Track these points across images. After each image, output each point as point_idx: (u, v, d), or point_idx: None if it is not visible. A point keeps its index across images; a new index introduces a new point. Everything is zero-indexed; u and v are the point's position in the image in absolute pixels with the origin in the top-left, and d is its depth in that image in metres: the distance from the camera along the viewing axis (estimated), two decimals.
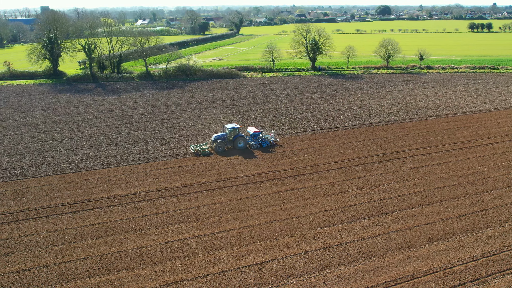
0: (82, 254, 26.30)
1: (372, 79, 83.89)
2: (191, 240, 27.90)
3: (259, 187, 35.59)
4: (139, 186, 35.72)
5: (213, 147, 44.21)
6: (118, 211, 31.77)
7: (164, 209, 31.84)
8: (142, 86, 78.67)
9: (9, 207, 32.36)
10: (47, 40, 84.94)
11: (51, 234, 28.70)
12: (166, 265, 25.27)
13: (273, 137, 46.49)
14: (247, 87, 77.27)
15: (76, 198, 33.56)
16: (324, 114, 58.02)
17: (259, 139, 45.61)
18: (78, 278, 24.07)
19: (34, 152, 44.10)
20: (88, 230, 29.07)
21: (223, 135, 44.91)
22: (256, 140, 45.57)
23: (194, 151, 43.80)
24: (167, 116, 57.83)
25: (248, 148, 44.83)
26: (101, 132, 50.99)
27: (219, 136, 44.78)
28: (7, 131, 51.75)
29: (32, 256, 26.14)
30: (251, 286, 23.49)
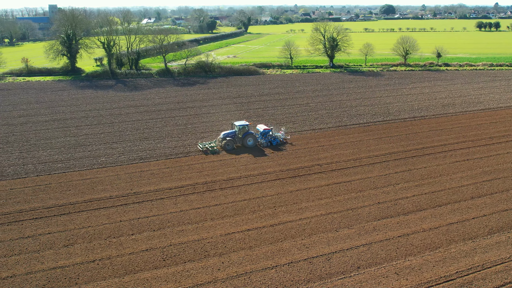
0: (144, 246, 25.94)
1: (392, 76, 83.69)
2: (251, 232, 27.57)
3: (306, 180, 35.34)
4: (184, 180, 35.44)
5: (221, 145, 42.94)
6: (170, 204, 31.45)
7: (216, 202, 31.45)
8: (163, 83, 78.38)
9: (57, 200, 32.03)
10: (65, 37, 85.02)
11: (107, 226, 28.40)
12: (232, 256, 24.96)
13: (283, 135, 45.32)
14: (269, 84, 76.99)
15: (123, 191, 33.22)
16: (353, 110, 57.90)
17: (269, 136, 44.24)
18: (144, 269, 23.70)
19: (70, 146, 43.78)
20: (143, 222, 28.65)
21: (232, 132, 43.71)
22: (266, 138, 44.13)
23: (203, 149, 42.36)
24: (195, 112, 57.44)
25: (257, 146, 43.56)
26: (133, 127, 50.65)
27: (228, 134, 43.59)
28: (37, 126, 51.43)
29: (92, 248, 25.82)
30: (322, 276, 23.23)
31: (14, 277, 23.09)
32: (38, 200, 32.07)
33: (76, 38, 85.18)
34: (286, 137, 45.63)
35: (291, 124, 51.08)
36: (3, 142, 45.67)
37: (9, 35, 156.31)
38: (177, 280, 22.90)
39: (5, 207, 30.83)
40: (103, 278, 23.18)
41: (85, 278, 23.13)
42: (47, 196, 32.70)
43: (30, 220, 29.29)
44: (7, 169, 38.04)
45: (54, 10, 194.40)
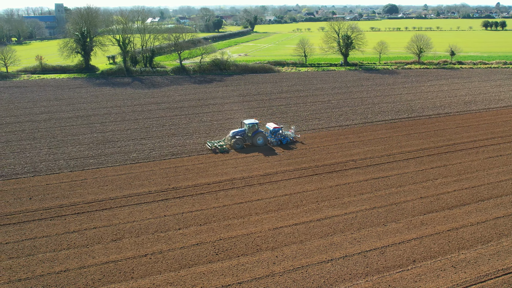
0: (193, 241, 25.67)
1: (408, 74, 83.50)
2: (298, 226, 27.31)
3: (343, 175, 35.04)
4: (221, 175, 35.19)
5: (231, 143, 41.85)
6: (211, 199, 31.16)
7: (257, 197, 31.10)
8: (179, 80, 77.99)
9: (97, 195, 31.67)
10: (80, 35, 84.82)
11: (152, 221, 28.04)
12: (284, 250, 24.69)
13: (293, 134, 44.27)
14: (286, 81, 76.76)
15: (161, 187, 32.96)
16: (376, 107, 57.63)
17: (279, 135, 43.37)
18: (199, 263, 23.43)
19: (98, 142, 43.40)
20: (188, 217, 28.33)
21: (241, 131, 42.76)
22: (276, 136, 43.25)
23: (212, 148, 41.38)
24: (218, 109, 57.17)
25: (267, 144, 42.46)
26: (158, 123, 50.35)
27: (238, 132, 42.52)
28: (61, 123, 51.06)
29: (141, 242, 25.49)
30: (379, 270, 22.94)
31: (68, 272, 22.83)
32: (77, 195, 31.90)
33: (91, 35, 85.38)
34: (296, 136, 44.36)
35: (316, 121, 50.90)
36: (29, 138, 45.47)
37: (17, 33, 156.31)
38: (234, 274, 22.69)
39: (45, 202, 30.49)
40: (158, 272, 22.96)
41: (140, 272, 22.87)
42: (85, 191, 32.47)
43: (72, 215, 29.09)
44: (39, 165, 37.81)
45: (61, 9, 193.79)
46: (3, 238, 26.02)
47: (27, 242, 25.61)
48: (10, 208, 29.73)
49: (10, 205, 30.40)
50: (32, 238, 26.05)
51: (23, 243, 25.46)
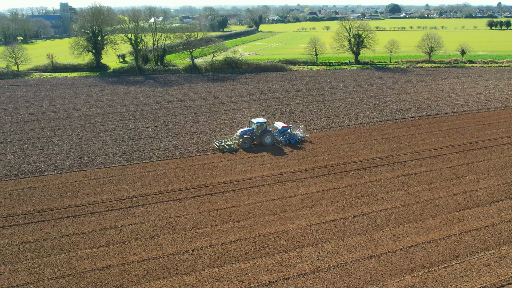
0: (233, 237, 25.46)
1: (420, 72, 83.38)
2: (336, 223, 27.07)
3: (372, 172, 34.86)
4: (250, 172, 34.92)
5: (239, 142, 41.13)
6: (243, 196, 30.95)
7: (289, 194, 30.89)
8: (192, 79, 77.73)
9: (127, 192, 31.42)
10: (91, 33, 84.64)
11: (187, 217, 27.88)
12: (325, 246, 24.49)
13: (301, 133, 43.53)
14: (299, 80, 76.59)
15: (191, 184, 32.74)
16: (394, 105, 57.43)
17: (287, 134, 42.57)
18: (241, 259, 23.15)
19: (120, 140, 43.10)
20: (223, 213, 28.09)
21: (249, 130, 41.89)
22: (284, 135, 42.47)
23: (219, 147, 40.59)
24: (236, 106, 56.87)
25: (276, 144, 41.60)
26: (178, 121, 50.09)
27: (246, 131, 41.64)
28: (80, 120, 50.82)
29: (180, 239, 25.28)
30: (424, 265, 22.73)
31: (111, 268, 22.62)
32: (107, 192, 31.68)
33: (102, 34, 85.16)
34: (304, 135, 43.56)
35: (336, 118, 50.59)
36: (50, 135, 45.25)
37: (23, 33, 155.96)
38: (279, 270, 22.49)
39: (76, 199, 30.23)
40: (202, 268, 22.77)
41: (184, 269, 22.68)
42: (115, 188, 32.24)
43: (106, 211, 28.87)
44: (65, 162, 37.58)
45: (65, 8, 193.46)
46: (40, 234, 25.87)
47: (64, 239, 25.47)
48: (42, 205, 29.49)
49: (42, 202, 30.29)
50: (69, 235, 25.90)
51: (60, 240, 25.33)
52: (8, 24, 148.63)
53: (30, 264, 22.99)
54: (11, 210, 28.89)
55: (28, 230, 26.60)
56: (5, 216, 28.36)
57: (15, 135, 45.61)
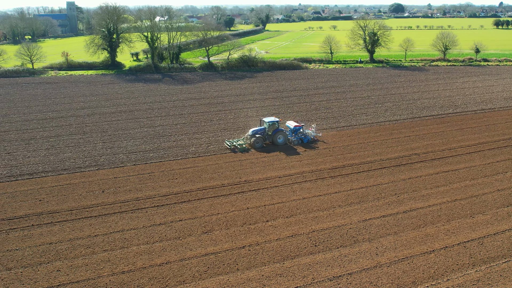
0: (286, 232, 25.17)
1: (437, 70, 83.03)
2: (387, 218, 26.78)
3: (411, 169, 34.57)
4: (288, 168, 34.66)
5: (250, 142, 40.05)
6: (287, 191, 30.62)
7: (333, 190, 30.56)
8: (210, 77, 77.51)
9: (170, 188, 31.12)
10: (106, 31, 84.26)
11: (236, 213, 27.52)
12: (382, 242, 24.21)
13: (314, 132, 42.55)
14: (318, 78, 76.23)
15: (232, 180, 32.40)
16: (418, 102, 57.27)
17: (299, 134, 41.61)
18: (300, 255, 22.87)
19: (151, 137, 42.81)
20: (271, 209, 27.76)
21: (261, 129, 40.88)
22: (296, 135, 41.55)
23: (230, 147, 39.64)
24: (260, 104, 56.60)
25: (288, 144, 40.58)
26: (205, 118, 49.80)
27: (258, 131, 40.63)
28: (106, 118, 50.46)
29: (233, 234, 24.94)
30: (485, 260, 22.44)
31: (170, 264, 22.31)
32: (149, 188, 31.39)
33: (118, 32, 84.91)
34: (317, 135, 42.58)
35: (364, 116, 50.41)
36: (79, 132, 44.86)
37: (31, 31, 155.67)
38: (341, 265, 22.25)
39: (119, 195, 29.93)
40: (262, 263, 22.53)
41: (244, 264, 22.40)
42: (156, 184, 31.91)
43: (152, 207, 28.56)
44: (100, 159, 37.25)
45: (72, 7, 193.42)
46: (90, 231, 25.53)
47: (116, 235, 25.17)
48: (86, 201, 29.23)
49: (85, 198, 30.02)
50: (120, 230, 25.61)
51: (112, 236, 25.03)
52: (16, 23, 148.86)
53: (87, 260, 22.77)
54: (56, 206, 28.58)
55: (77, 226, 26.45)
56: (51, 212, 28.20)
57: (43, 132, 45.51)
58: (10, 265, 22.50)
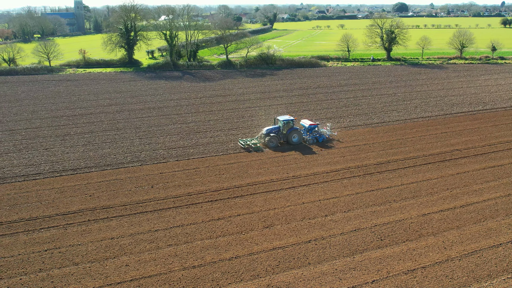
0: (349, 227, 24.81)
1: (456, 68, 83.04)
2: (446, 213, 26.50)
3: (456, 164, 34.29)
4: (333, 164, 34.30)
5: (264, 141, 39.08)
6: (338, 186, 30.31)
7: (384, 185, 30.29)
8: (230, 74, 77.29)
9: (219, 183, 30.75)
10: (124, 29, 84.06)
11: (292, 208, 27.06)
12: (446, 236, 23.90)
13: (329, 131, 41.46)
14: (339, 75, 75.98)
15: (280, 175, 32.14)
16: (446, 100, 57.09)
17: (314, 133, 40.54)
18: (368, 249, 22.44)
19: (186, 133, 42.55)
20: (327, 204, 27.37)
21: (276, 128, 39.73)
22: (311, 134, 40.48)
23: (244, 146, 38.59)
24: (288, 101, 56.19)
25: (302, 143, 39.56)
26: (236, 115, 49.43)
27: (272, 130, 39.57)
28: (136, 114, 50.19)
29: (296, 229, 24.59)
30: None
31: (239, 258, 21.91)
32: (198, 184, 30.97)
33: (136, 29, 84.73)
34: (332, 134, 41.69)
35: (395, 112, 50.04)
36: (113, 129, 44.61)
37: (41, 30, 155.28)
38: (412, 259, 21.92)
39: (169, 190, 29.64)
40: (332, 257, 22.25)
41: (314, 258, 22.05)
42: (204, 179, 31.57)
43: (206, 202, 28.15)
44: (140, 154, 36.89)
45: (80, 6, 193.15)
46: (149, 226, 25.16)
47: (176, 229, 24.80)
48: (138, 196, 28.90)
49: (135, 193, 29.67)
50: (180, 225, 25.29)
51: (173, 230, 24.66)
52: (26, 21, 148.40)
53: (153, 255, 22.46)
54: (108, 201, 28.26)
55: (134, 221, 26.13)
56: (105, 207, 27.91)
57: (76, 128, 45.17)
58: (76, 260, 22.36)
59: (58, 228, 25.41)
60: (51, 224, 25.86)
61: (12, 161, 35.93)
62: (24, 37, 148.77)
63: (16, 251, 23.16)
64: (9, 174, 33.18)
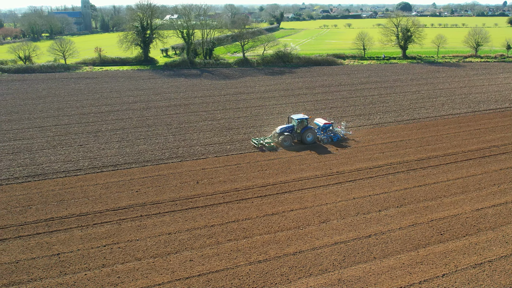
0: (405, 222, 24.51)
1: (473, 66, 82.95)
2: (499, 208, 26.23)
3: (497, 160, 34.05)
4: (374, 160, 34.08)
5: (278, 140, 38.41)
6: (385, 182, 30.00)
7: (431, 180, 29.92)
8: (249, 72, 77.07)
9: (264, 179, 30.44)
10: (140, 27, 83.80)
11: (344, 203, 26.83)
12: (505, 230, 23.67)
13: (343, 130, 40.91)
14: (358, 73, 75.80)
15: (324, 171, 31.94)
16: (471, 97, 56.90)
17: (329, 132, 39.97)
18: (431, 243, 22.10)
19: (219, 130, 42.36)
20: (378, 199, 27.12)
21: (290, 127, 39.02)
22: (326, 133, 39.87)
23: (258, 145, 37.81)
24: (313, 98, 56.09)
25: (316, 142, 38.84)
26: (264, 112, 49.19)
27: (286, 128, 38.89)
28: (163, 111, 49.90)
29: (351, 223, 24.31)
30: None
31: (303, 253, 21.57)
32: (243, 179, 30.45)
33: (152, 28, 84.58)
34: (347, 133, 41.00)
35: (423, 110, 49.95)
36: (144, 125, 44.36)
37: (49, 29, 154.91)
38: (477, 253, 21.72)
39: (216, 186, 29.39)
40: (396, 252, 22.02)
41: (378, 252, 21.77)
42: (248, 175, 31.23)
43: (255, 198, 27.85)
44: (178, 151, 36.61)
45: (87, 5, 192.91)
46: (205, 221, 24.81)
47: (232, 224, 24.48)
48: (185, 192, 28.61)
49: (182, 189, 29.35)
50: (235, 221, 25.02)
51: (230, 226, 24.31)
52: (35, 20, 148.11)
53: (215, 250, 22.26)
54: (156, 197, 28.05)
55: (188, 216, 25.85)
56: (154, 203, 27.65)
57: (106, 125, 44.95)
58: (138, 255, 22.16)
59: (111, 224, 25.27)
60: (104, 219, 25.74)
61: (49, 157, 35.86)
62: (33, 36, 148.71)
63: (74, 246, 23.12)
64: (49, 170, 33.12)
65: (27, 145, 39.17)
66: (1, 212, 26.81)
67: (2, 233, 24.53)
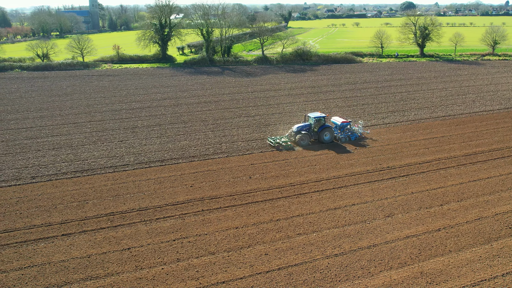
0: (471, 216, 24.37)
1: (493, 64, 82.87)
2: None
3: None
4: (422, 155, 33.83)
5: (295, 139, 37.74)
6: (439, 177, 29.80)
7: (484, 175, 29.77)
8: (269, 69, 76.93)
9: (318, 174, 30.25)
10: (159, 25, 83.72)
11: (404, 198, 26.66)
12: None
13: (361, 129, 40.03)
14: (379, 71, 75.64)
15: (374, 166, 31.82)
16: (499, 94, 56.78)
17: (347, 130, 39.20)
18: (501, 237, 22.09)
19: (256, 126, 42.09)
20: (436, 193, 27.06)
21: (307, 125, 38.34)
22: (344, 132, 39.10)
23: (274, 144, 36.87)
24: (343, 95, 55.83)
25: (333, 141, 38.02)
26: (297, 108, 48.93)
27: (303, 127, 38.20)
28: (194, 108, 49.84)
29: (418, 218, 24.11)
30: None
31: (377, 246, 21.47)
32: (295, 174, 30.30)
33: (170, 25, 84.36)
34: (365, 132, 40.14)
35: (456, 106, 49.82)
36: (179, 122, 44.21)
37: (59, 27, 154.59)
38: None
39: (270, 181, 29.08)
40: (469, 245, 21.60)
41: (452, 245, 21.43)
42: (299, 170, 31.07)
43: (312, 193, 27.60)
44: (221, 146, 36.47)
45: (95, 3, 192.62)
46: (268, 216, 24.57)
47: (298, 219, 24.36)
48: (240, 186, 28.42)
49: (237, 184, 29.13)
50: (299, 215, 24.88)
51: (295, 220, 24.08)
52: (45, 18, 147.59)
53: (288, 244, 22.01)
54: (212, 192, 27.87)
55: (250, 210, 25.67)
56: (212, 197, 27.49)
57: (141, 121, 44.73)
58: (211, 249, 21.98)
59: (175, 218, 25.07)
60: (166, 214, 25.57)
61: (92, 153, 35.65)
62: (43, 35, 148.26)
63: (143, 241, 22.89)
64: (95, 166, 32.93)
65: (66, 141, 39.06)
66: (59, 207, 26.74)
67: (66, 227, 24.46)
